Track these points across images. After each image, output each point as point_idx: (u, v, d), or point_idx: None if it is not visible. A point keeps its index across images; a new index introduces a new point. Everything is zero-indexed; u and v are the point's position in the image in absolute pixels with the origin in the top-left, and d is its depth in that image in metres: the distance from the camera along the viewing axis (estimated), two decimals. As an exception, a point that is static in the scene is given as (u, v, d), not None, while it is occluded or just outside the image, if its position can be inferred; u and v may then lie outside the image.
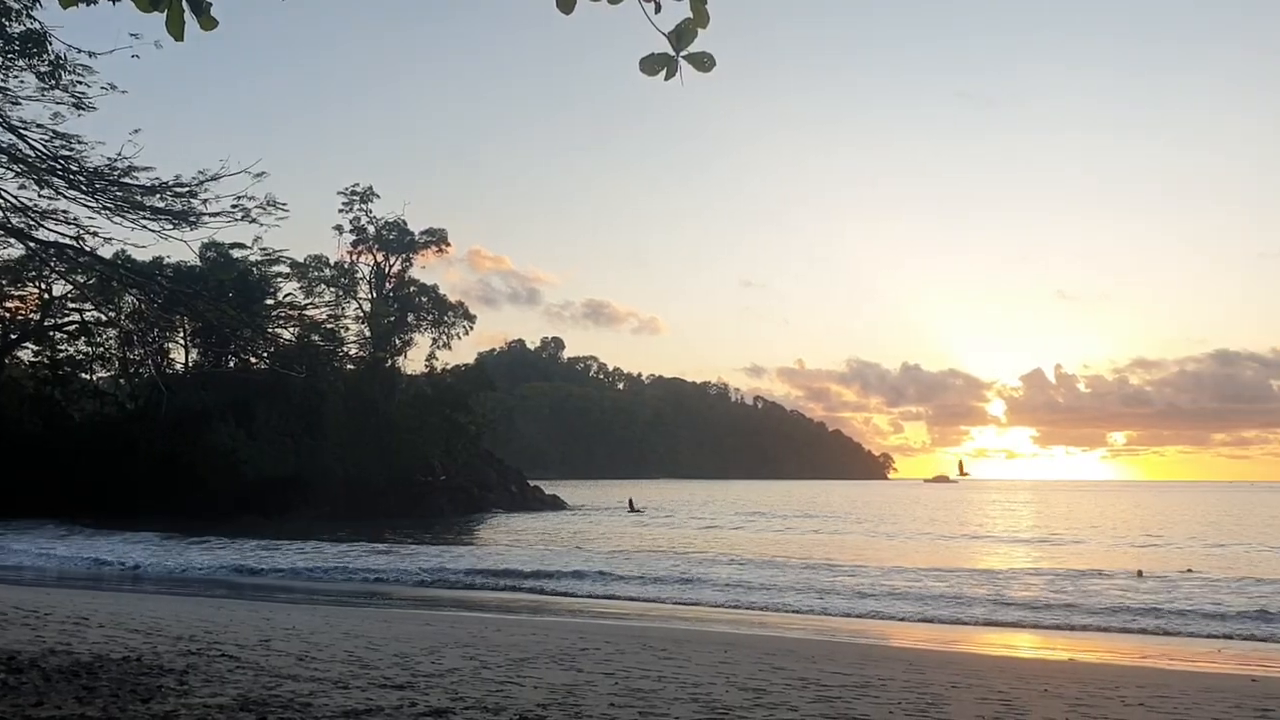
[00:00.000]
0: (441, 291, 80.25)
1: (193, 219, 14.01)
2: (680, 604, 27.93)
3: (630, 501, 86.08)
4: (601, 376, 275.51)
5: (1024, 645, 21.72)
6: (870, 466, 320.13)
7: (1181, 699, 11.80)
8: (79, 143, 13.91)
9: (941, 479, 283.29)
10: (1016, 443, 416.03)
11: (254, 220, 15.10)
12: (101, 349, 67.77)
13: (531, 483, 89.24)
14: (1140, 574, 33.72)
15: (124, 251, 21.25)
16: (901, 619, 25.48)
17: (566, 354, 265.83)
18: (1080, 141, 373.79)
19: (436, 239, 78.75)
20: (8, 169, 13.23)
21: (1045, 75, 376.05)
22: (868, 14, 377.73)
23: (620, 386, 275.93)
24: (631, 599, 28.90)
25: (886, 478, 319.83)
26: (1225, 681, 14.69)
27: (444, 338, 78.37)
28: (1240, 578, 33.21)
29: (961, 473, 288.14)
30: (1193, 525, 70.87)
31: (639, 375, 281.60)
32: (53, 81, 13.54)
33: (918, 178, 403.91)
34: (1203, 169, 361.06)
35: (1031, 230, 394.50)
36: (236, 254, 60.90)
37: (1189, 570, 35.13)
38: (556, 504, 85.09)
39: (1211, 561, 40.82)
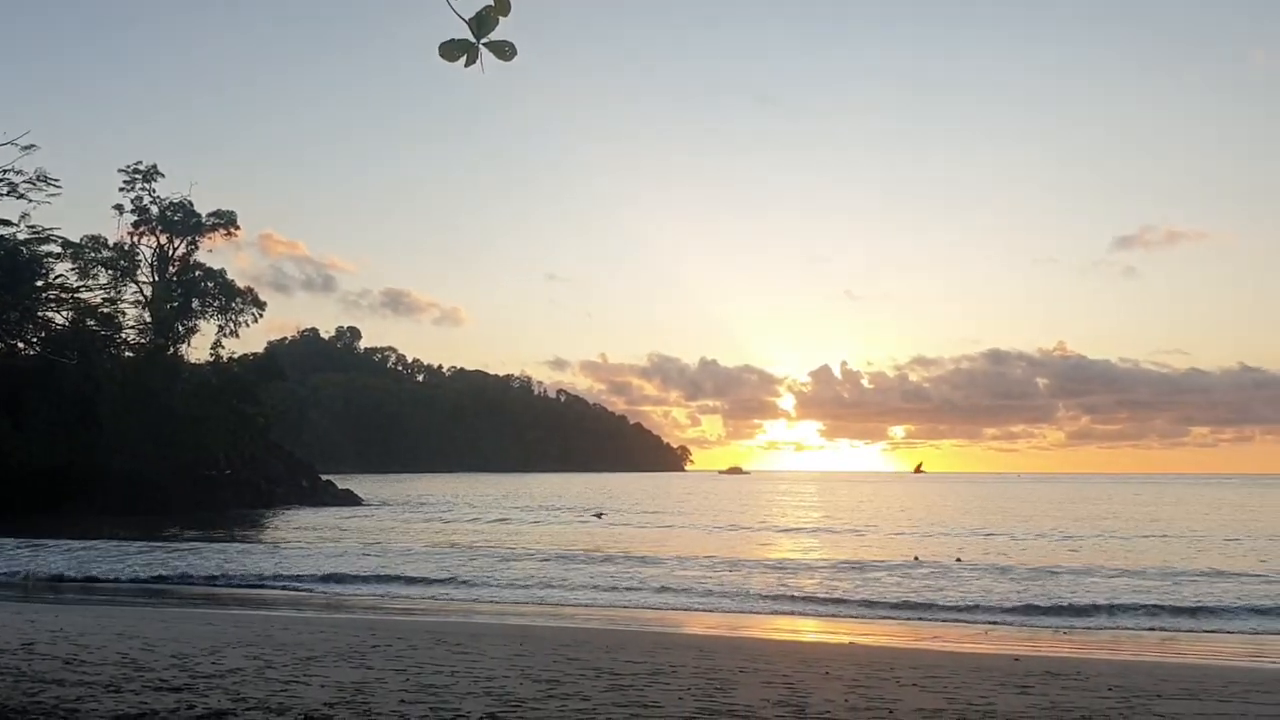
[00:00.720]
0: (229, 276, 77.40)
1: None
2: (475, 599, 27.70)
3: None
4: (400, 368, 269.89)
5: (809, 631, 22.63)
6: (669, 459, 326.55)
7: (951, 678, 12.53)
8: None
9: (735, 470, 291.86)
10: (805, 436, 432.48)
11: (21, 195, 14.06)
12: None
13: (324, 477, 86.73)
14: (956, 560, 36.49)
15: None
16: (694, 608, 26.13)
17: (363, 344, 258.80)
18: (869, 147, 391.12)
19: (225, 221, 75.65)
20: None
21: (840, 82, 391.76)
22: (671, 15, 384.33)
23: (420, 378, 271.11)
24: (424, 595, 28.48)
25: (684, 469, 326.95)
26: (991, 661, 15.68)
27: (231, 325, 75.49)
28: (1005, 565, 35.53)
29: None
30: (965, 515, 75.40)
31: (440, 367, 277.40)
32: None
33: (719, 177, 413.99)
34: (983, 178, 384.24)
35: (824, 232, 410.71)
36: (1, 231, 56.53)
37: (958, 559, 37.36)
38: (350, 499, 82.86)
39: (980, 549, 43.54)
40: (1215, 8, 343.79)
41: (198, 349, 75.19)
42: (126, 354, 68.41)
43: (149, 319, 70.98)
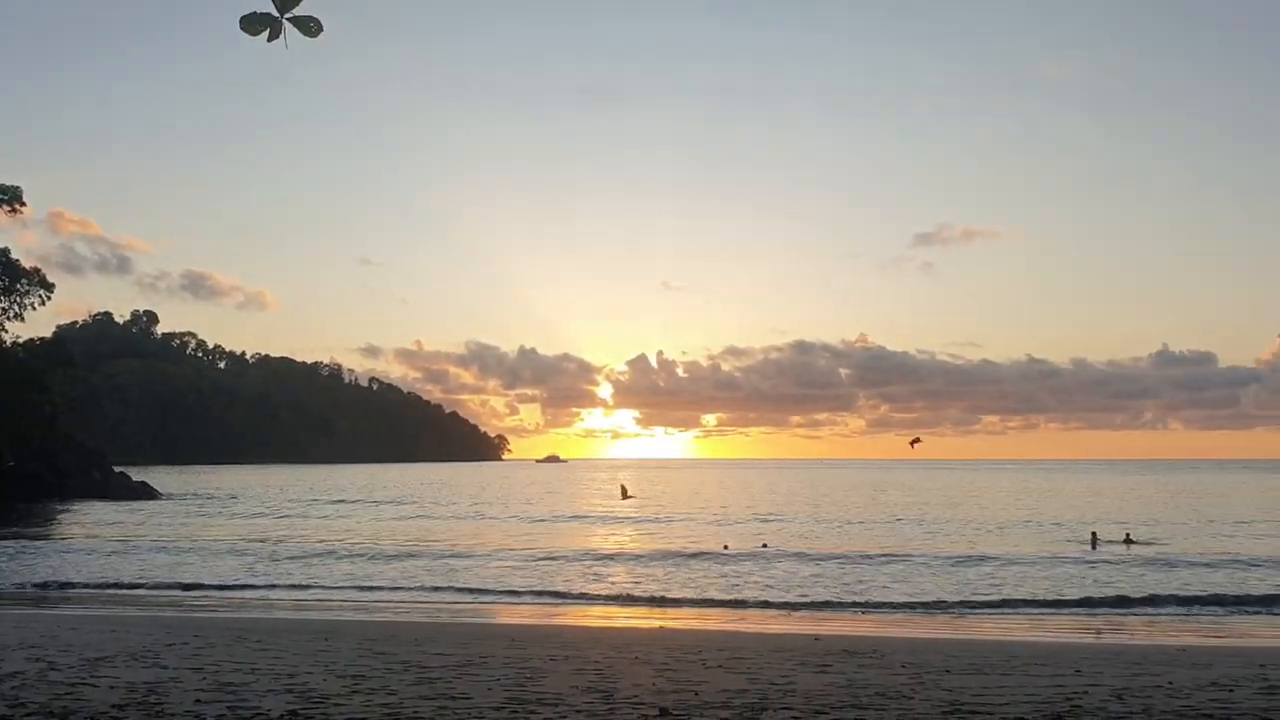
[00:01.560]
0: (14, 256, 72.34)
1: None
2: (275, 596, 26.79)
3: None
4: (200, 354, 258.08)
5: (620, 617, 22.90)
6: (486, 448, 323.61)
7: (755, 659, 12.92)
8: None
9: (552, 459, 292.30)
10: (622, 424, 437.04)
11: None
12: None
13: (118, 469, 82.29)
14: (762, 546, 37.08)
15: None
16: (505, 601, 26.02)
17: (161, 329, 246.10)
18: (685, 143, 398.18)
19: (9, 197, 70.89)
20: None
21: (657, 79, 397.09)
22: (492, 3, 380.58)
23: (222, 365, 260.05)
24: (222, 591, 27.42)
25: (501, 458, 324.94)
26: (793, 641, 16.25)
27: (15, 307, 70.76)
28: (808, 551, 36.86)
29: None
30: (773, 502, 77.77)
31: (243, 354, 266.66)
32: None
33: (539, 166, 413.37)
34: (792, 176, 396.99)
35: (642, 223, 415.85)
36: None
37: (764, 545, 38.54)
38: (146, 492, 78.78)
39: (784, 535, 45.01)
40: (1011, 21, 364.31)
41: (-24, 333, 70.08)
42: (-107, 337, 63.17)
43: (-81, 300, 65.72)
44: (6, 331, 70.25)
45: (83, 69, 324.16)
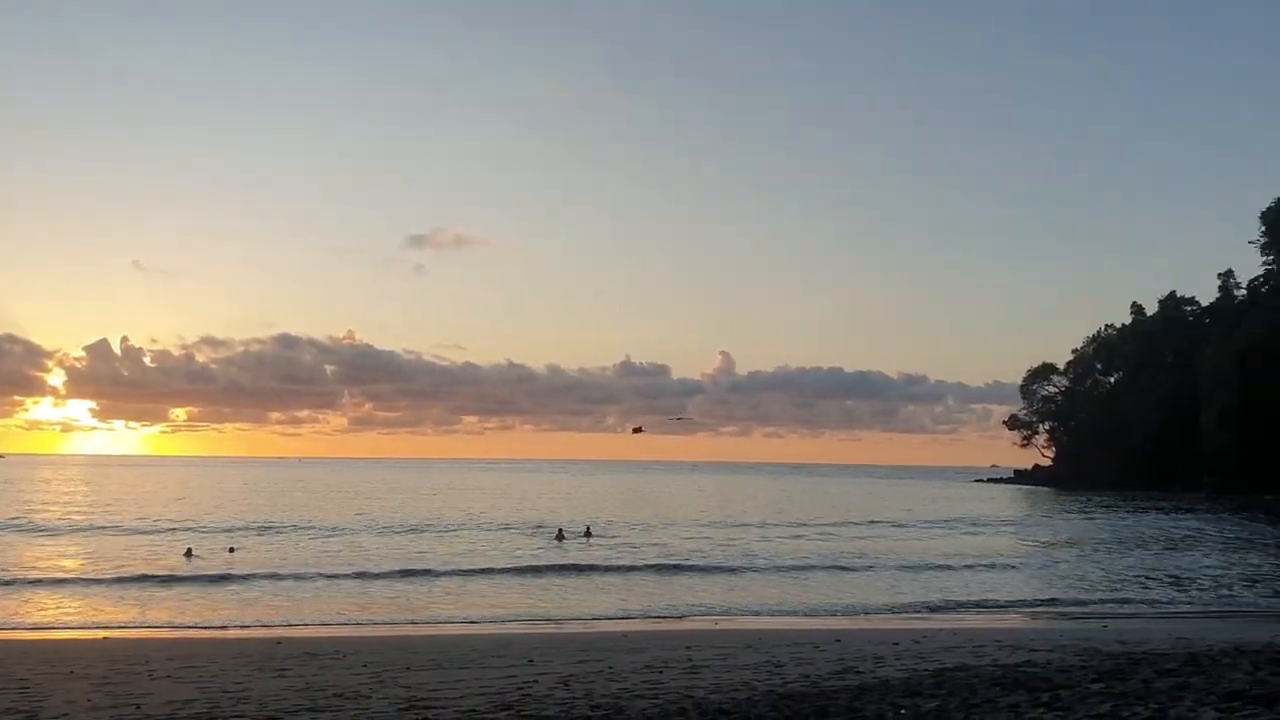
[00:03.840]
0: None
1: None
2: None
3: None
4: None
5: (58, 628, 20.65)
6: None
7: (209, 667, 12.31)
8: None
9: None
10: (76, 415, 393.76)
11: None
12: None
13: None
14: (189, 553, 34.69)
15: None
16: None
17: None
18: (174, 111, 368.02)
19: None
20: None
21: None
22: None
23: None
24: None
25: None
26: (254, 646, 15.67)
27: None
28: (284, 557, 35.72)
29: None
30: (238, 504, 74.16)
31: None
32: None
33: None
34: (286, 164, 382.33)
35: (110, 195, 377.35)
36: None
37: (231, 549, 36.71)
38: None
39: (251, 539, 42.98)
40: (509, 47, 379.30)
41: None
42: None
43: None
44: None
45: None
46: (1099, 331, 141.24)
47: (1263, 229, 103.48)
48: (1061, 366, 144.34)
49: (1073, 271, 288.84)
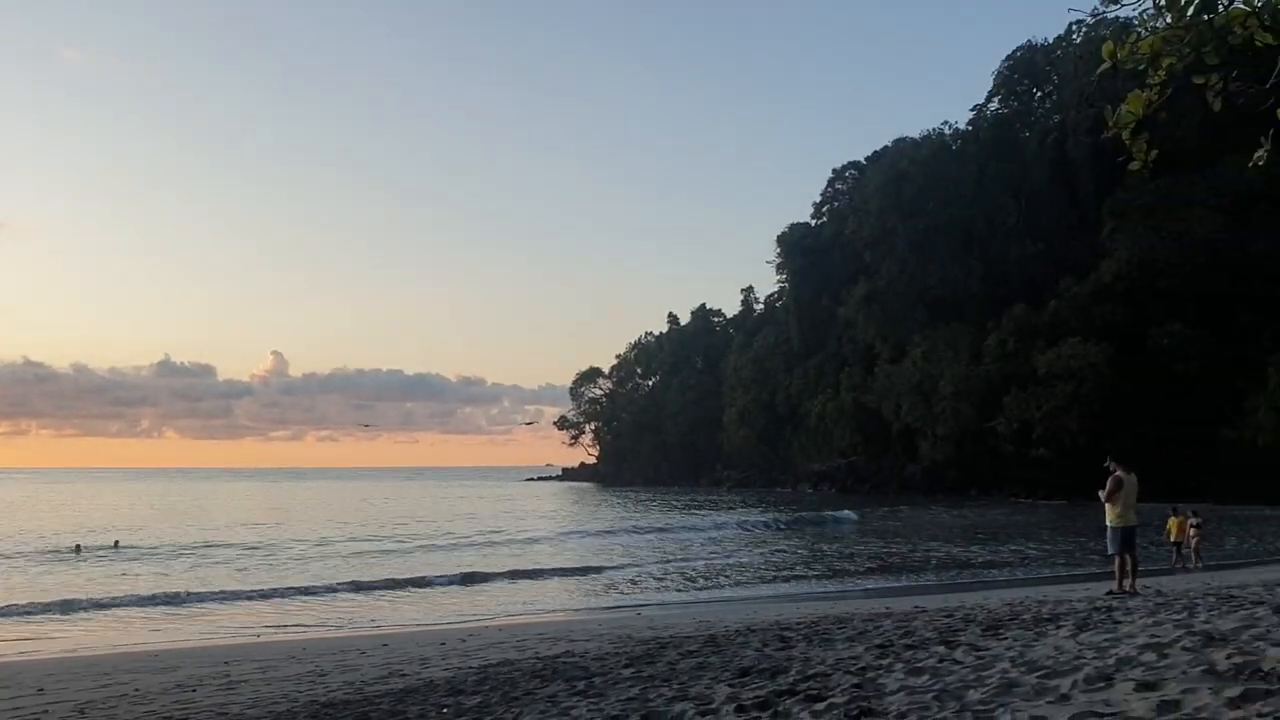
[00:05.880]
0: None
1: None
2: None
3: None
4: None
5: None
6: None
7: None
8: None
9: None
10: None
11: None
12: None
13: None
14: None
15: None
16: None
17: None
18: None
19: None
20: None
21: None
22: None
23: None
24: None
25: None
26: None
27: None
28: None
29: None
30: None
31: None
32: None
33: None
34: None
35: None
36: None
37: None
38: None
39: None
40: (28, 7, 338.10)
41: None
42: None
43: None
44: None
45: None
46: (640, 338, 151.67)
47: (778, 251, 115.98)
48: (607, 370, 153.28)
49: (618, 284, 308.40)
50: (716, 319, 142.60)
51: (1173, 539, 25.72)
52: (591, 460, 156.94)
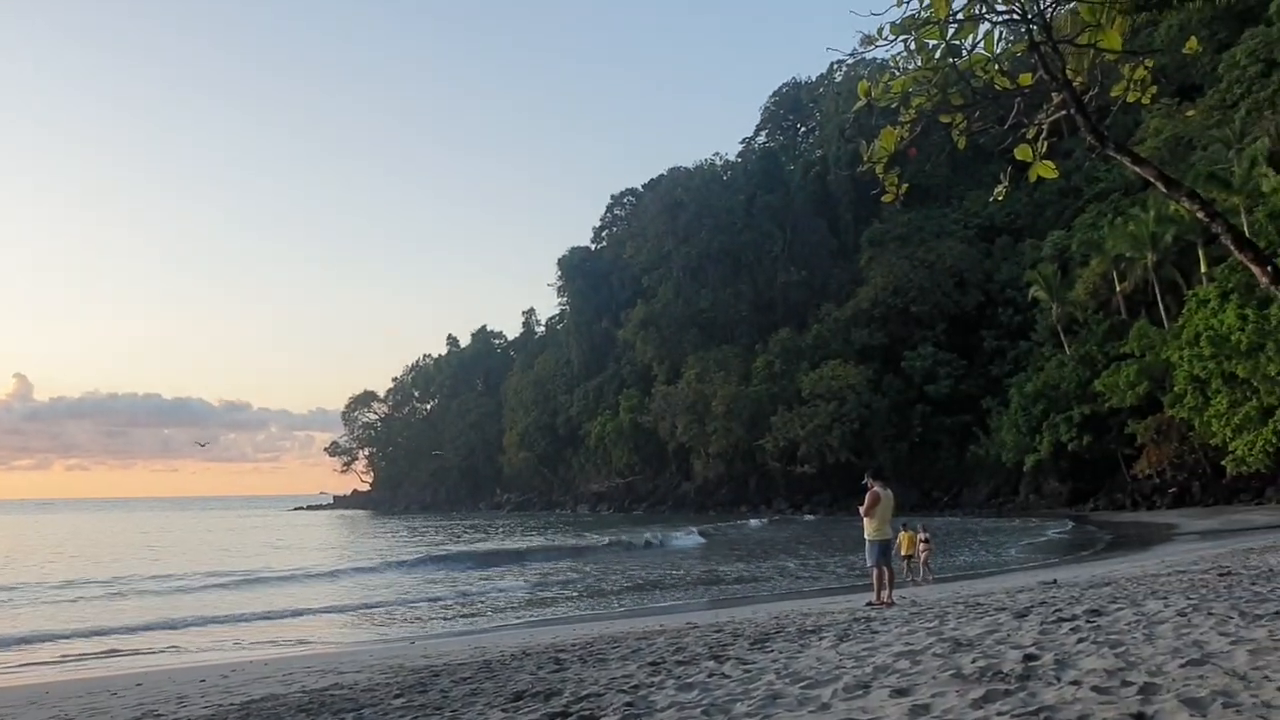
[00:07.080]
0: None
1: None
2: None
3: None
4: None
5: None
6: None
7: None
8: None
9: None
10: None
11: None
12: None
13: None
14: None
15: None
16: None
17: None
18: None
19: None
20: None
21: None
22: None
23: None
24: None
25: None
26: None
27: None
28: None
29: None
30: None
31: None
32: None
33: None
34: None
35: None
36: None
37: None
38: None
39: None
40: None
41: None
42: None
43: None
44: None
45: None
46: (418, 360, 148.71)
47: (559, 273, 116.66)
48: (382, 394, 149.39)
49: (394, 306, 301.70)
50: (498, 341, 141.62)
51: (904, 553, 27.18)
52: (365, 487, 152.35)
